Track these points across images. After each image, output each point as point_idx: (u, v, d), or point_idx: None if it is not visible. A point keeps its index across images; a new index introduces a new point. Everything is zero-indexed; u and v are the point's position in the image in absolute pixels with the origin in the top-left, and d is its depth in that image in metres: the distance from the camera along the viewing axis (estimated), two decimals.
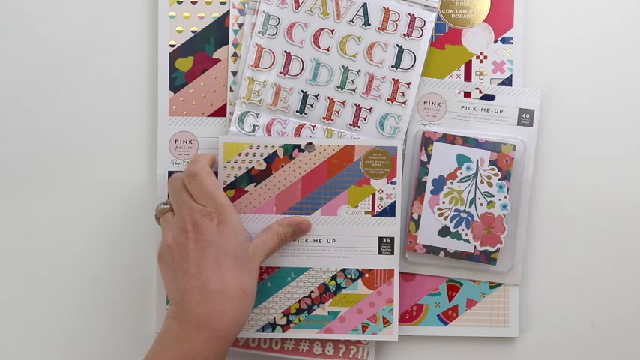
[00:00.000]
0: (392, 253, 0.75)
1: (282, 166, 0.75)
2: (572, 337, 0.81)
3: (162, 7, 0.79)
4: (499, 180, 0.78)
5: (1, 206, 0.80)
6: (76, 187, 0.80)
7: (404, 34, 0.79)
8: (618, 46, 0.81)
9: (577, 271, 0.80)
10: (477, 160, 0.78)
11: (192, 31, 0.80)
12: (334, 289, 0.75)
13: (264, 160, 0.75)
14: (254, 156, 0.75)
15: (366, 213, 0.75)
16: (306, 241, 0.75)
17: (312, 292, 0.75)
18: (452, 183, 0.78)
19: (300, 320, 0.75)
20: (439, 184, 0.78)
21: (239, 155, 0.75)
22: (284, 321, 0.75)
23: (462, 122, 0.79)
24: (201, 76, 0.79)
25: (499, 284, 0.80)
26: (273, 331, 0.75)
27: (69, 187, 0.80)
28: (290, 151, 0.75)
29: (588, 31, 0.81)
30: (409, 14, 0.79)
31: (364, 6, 0.79)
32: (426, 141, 0.78)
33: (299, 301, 0.75)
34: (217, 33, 0.79)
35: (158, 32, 0.79)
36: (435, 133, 0.78)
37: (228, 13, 0.80)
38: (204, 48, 0.80)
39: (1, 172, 0.80)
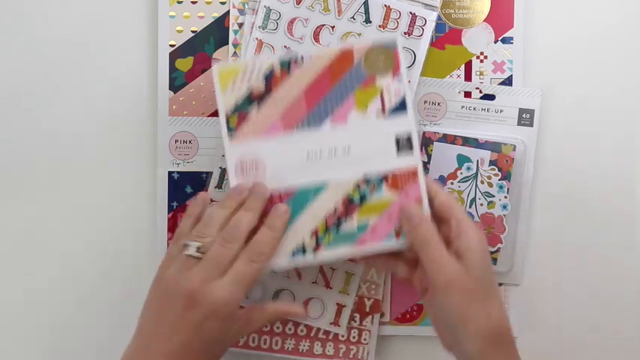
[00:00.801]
0: (411, 150, 0.70)
1: (282, 82, 0.71)
2: (572, 337, 0.81)
3: (162, 7, 0.79)
4: (499, 180, 0.78)
5: (0, 206, 0.80)
6: (76, 187, 0.80)
7: (404, 33, 0.79)
8: (618, 46, 0.81)
9: (577, 271, 0.80)
10: (477, 160, 0.78)
11: (192, 31, 0.79)
12: (359, 200, 0.70)
13: (262, 79, 0.71)
14: (251, 77, 0.71)
15: (377, 114, 0.70)
16: (321, 155, 0.70)
17: (336, 207, 0.70)
18: (452, 183, 0.78)
19: (329, 239, 0.70)
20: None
21: (235, 79, 0.71)
22: (313, 243, 0.70)
23: (462, 122, 0.79)
24: (201, 76, 0.79)
25: (499, 284, 0.80)
26: (304, 256, 0.70)
27: (69, 186, 0.80)
28: (287, 65, 0.71)
29: (588, 31, 0.81)
30: (410, 13, 0.79)
31: (365, 3, 0.79)
32: (426, 141, 0.78)
33: (325, 220, 0.70)
34: (217, 33, 0.79)
35: (158, 32, 0.79)
36: (435, 133, 0.78)
37: (228, 13, 0.80)
38: (204, 48, 0.79)
39: (1, 172, 0.80)
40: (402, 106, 0.70)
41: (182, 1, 0.79)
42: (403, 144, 0.70)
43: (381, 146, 0.70)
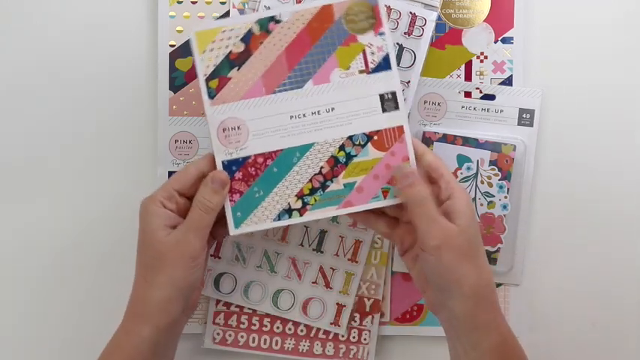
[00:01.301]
0: (397, 108, 0.69)
1: (261, 43, 0.69)
2: (573, 337, 0.81)
3: (162, 7, 0.79)
4: (499, 180, 0.78)
5: (0, 206, 0.80)
6: (76, 187, 0.80)
7: (404, 33, 0.79)
8: (618, 46, 0.81)
9: (577, 271, 0.80)
10: (477, 160, 0.78)
11: None
12: (344, 159, 0.69)
13: (241, 40, 0.69)
14: (229, 39, 0.69)
15: (360, 72, 0.69)
16: (304, 115, 0.69)
17: (322, 167, 0.69)
18: None
19: (315, 200, 0.69)
20: None
21: (213, 42, 0.69)
22: (299, 204, 0.69)
23: (462, 122, 0.79)
24: None
25: (499, 284, 0.80)
26: (290, 217, 0.69)
27: (69, 186, 0.80)
28: (266, 25, 0.70)
29: (588, 31, 0.81)
30: (410, 13, 0.79)
31: None
32: (426, 141, 0.78)
33: (310, 180, 0.69)
34: None
35: (158, 32, 0.79)
36: (435, 133, 0.78)
37: (228, 13, 0.80)
38: None
39: (0, 172, 0.80)
40: (385, 64, 0.69)
41: (182, 1, 0.79)
42: (388, 102, 0.69)
43: (365, 105, 0.69)
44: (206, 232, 0.68)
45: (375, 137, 0.69)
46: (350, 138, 0.69)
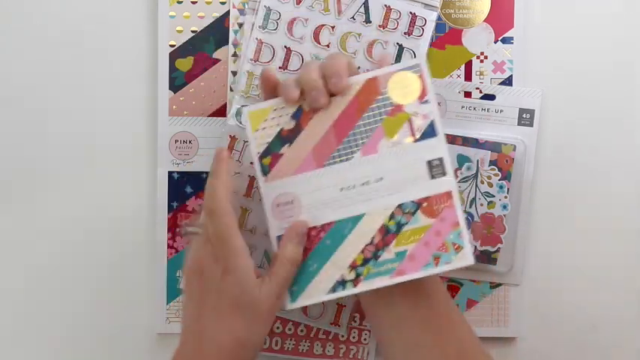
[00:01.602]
0: (444, 174, 0.68)
1: (311, 118, 0.70)
2: (572, 337, 0.80)
3: (162, 7, 0.79)
4: (499, 180, 0.78)
5: (0, 206, 0.81)
6: (76, 187, 0.80)
7: (404, 33, 0.79)
8: (618, 46, 0.81)
9: (577, 272, 0.80)
10: (477, 160, 0.78)
11: (192, 31, 0.79)
12: (395, 228, 0.69)
13: (291, 117, 0.70)
14: (280, 117, 0.70)
15: (407, 141, 0.69)
16: (354, 187, 0.69)
17: (373, 237, 0.69)
18: None
19: (369, 270, 0.69)
20: None
21: (265, 120, 0.70)
22: (353, 275, 0.69)
23: (462, 122, 0.79)
24: (201, 76, 0.79)
25: (499, 284, 0.80)
26: (344, 289, 0.69)
27: (69, 186, 0.80)
28: None
29: (589, 31, 0.81)
30: (410, 13, 0.79)
31: (365, 3, 0.79)
32: None
33: (362, 251, 0.69)
34: (217, 33, 0.79)
35: (158, 32, 0.79)
36: None
37: (228, 13, 0.80)
38: (204, 48, 0.79)
39: (0, 172, 0.80)
40: (431, 130, 0.68)
41: (182, 1, 0.79)
42: (436, 168, 0.69)
43: (413, 173, 0.69)
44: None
45: (425, 204, 0.69)
46: (400, 206, 0.69)
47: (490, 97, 0.79)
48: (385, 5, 0.78)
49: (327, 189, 0.69)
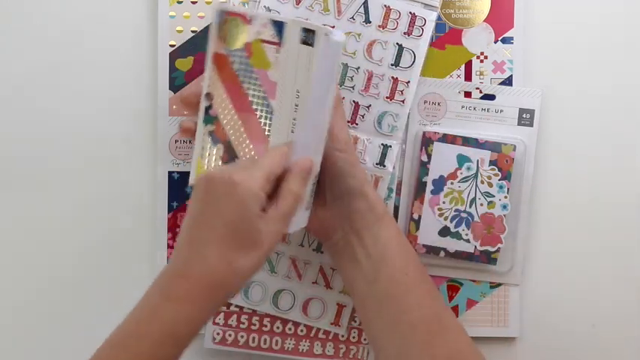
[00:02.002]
0: (312, 43, 0.66)
1: (218, 121, 0.69)
2: (572, 337, 0.81)
3: (162, 7, 0.79)
4: (499, 180, 0.78)
5: (0, 206, 0.81)
6: (76, 187, 0.80)
7: (404, 33, 0.79)
8: (618, 46, 0.81)
9: (577, 271, 0.80)
10: (477, 160, 0.78)
11: (192, 31, 0.79)
12: None
13: (211, 141, 0.69)
14: (207, 140, 0.69)
15: (278, 54, 0.67)
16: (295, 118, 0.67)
17: None
18: (452, 183, 0.78)
19: None
20: (439, 184, 0.78)
21: (202, 155, 0.69)
22: None
23: (462, 122, 0.79)
24: (201, 76, 0.79)
25: (499, 284, 0.80)
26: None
27: (69, 186, 0.80)
28: None
29: (588, 31, 0.81)
30: (410, 13, 0.79)
31: (365, 3, 0.78)
32: (427, 141, 0.78)
33: None
34: None
35: (158, 32, 0.79)
36: (435, 133, 0.78)
37: None
38: (204, 48, 0.79)
39: (0, 172, 0.80)
40: (279, 27, 0.67)
41: (182, 1, 0.79)
42: (308, 35, 0.66)
43: (302, 61, 0.67)
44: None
45: None
46: None
47: (490, 97, 0.79)
48: (385, 5, 0.78)
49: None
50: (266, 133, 0.68)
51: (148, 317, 0.63)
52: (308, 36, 0.67)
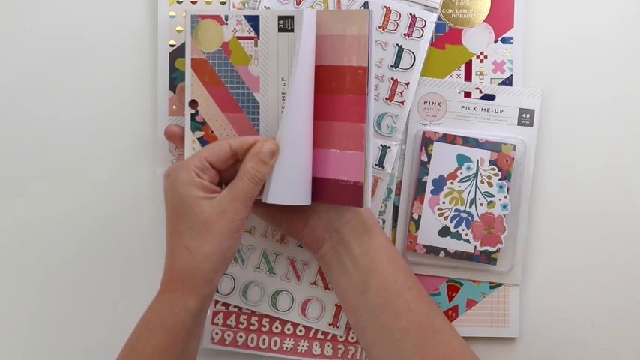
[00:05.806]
0: (292, 29, 0.70)
1: (206, 125, 0.72)
2: (573, 337, 0.80)
3: (162, 7, 0.79)
4: (499, 180, 0.77)
5: (0, 206, 0.81)
6: (76, 187, 0.81)
7: (404, 34, 0.79)
8: (619, 46, 0.81)
9: (577, 271, 0.80)
10: (477, 160, 0.78)
11: None
12: None
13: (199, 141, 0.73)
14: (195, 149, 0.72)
15: (257, 48, 0.70)
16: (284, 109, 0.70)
17: None
18: (452, 183, 0.78)
19: None
20: (439, 184, 0.78)
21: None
22: None
23: (462, 122, 0.79)
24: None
25: (499, 284, 0.80)
26: None
27: (69, 186, 0.81)
28: None
29: (589, 31, 0.81)
30: (410, 14, 0.79)
31: (365, 4, 0.78)
32: (426, 141, 0.78)
33: None
34: None
35: (158, 32, 0.79)
36: (435, 133, 0.78)
37: None
38: None
39: (0, 172, 0.81)
40: (255, 21, 0.69)
41: (182, 1, 0.79)
42: (287, 21, 0.69)
43: (284, 48, 0.70)
44: (251, 202, 0.68)
45: None
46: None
47: (490, 97, 0.79)
48: (385, 6, 0.78)
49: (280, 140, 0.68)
50: (255, 127, 0.69)
51: (146, 310, 0.69)
52: (286, 22, 0.68)
